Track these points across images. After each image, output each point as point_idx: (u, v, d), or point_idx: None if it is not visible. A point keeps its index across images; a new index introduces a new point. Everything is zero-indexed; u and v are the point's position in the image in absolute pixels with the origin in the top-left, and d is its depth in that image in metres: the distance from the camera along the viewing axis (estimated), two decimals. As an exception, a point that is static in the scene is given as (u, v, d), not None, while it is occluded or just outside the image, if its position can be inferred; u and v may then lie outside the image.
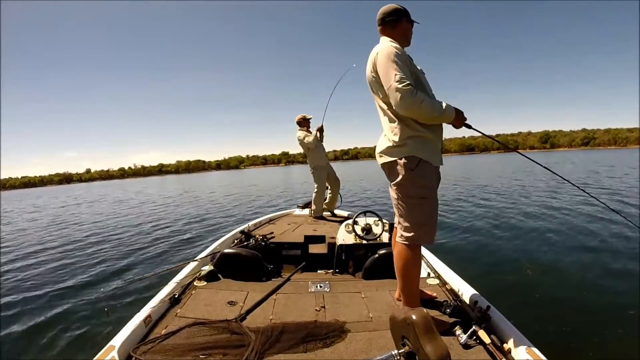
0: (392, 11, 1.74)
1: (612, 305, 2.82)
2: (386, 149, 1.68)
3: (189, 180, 48.34)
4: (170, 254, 5.39)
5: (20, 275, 4.82)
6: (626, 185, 10.08)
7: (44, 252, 6.45)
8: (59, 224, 10.55)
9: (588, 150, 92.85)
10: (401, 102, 1.50)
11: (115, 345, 1.40)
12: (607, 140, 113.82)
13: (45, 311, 3.42)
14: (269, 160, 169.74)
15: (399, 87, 1.48)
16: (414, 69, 1.64)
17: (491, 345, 1.41)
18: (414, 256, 1.65)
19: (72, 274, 4.67)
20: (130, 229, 8.35)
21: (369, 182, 17.48)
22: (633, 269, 3.50)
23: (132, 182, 65.13)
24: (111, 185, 54.87)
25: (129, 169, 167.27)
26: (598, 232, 5.03)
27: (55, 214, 14.32)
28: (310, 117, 4.65)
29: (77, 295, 3.83)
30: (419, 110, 1.51)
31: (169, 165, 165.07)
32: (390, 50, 1.58)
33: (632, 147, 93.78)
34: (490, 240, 5.04)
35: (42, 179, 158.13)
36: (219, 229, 7.24)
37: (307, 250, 3.07)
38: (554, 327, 2.52)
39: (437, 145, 1.67)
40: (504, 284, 3.39)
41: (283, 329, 1.58)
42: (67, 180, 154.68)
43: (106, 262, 5.23)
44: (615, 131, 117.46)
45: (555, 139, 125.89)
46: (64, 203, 20.60)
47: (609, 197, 7.84)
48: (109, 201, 18.57)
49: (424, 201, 1.62)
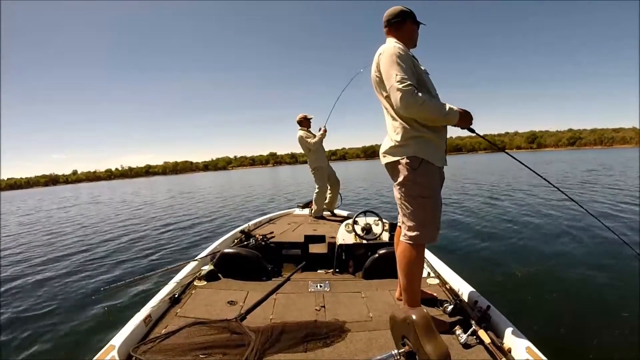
0: (397, 13, 1.75)
1: (612, 305, 2.81)
2: (389, 148, 1.69)
3: (177, 181, 47.23)
4: (170, 254, 5.39)
5: (20, 275, 4.82)
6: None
7: (44, 252, 6.45)
8: (59, 225, 10.55)
9: (575, 150, 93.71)
10: (401, 102, 1.50)
11: (115, 345, 1.40)
12: (593, 140, 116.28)
13: (45, 311, 3.42)
14: (256, 161, 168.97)
15: (399, 87, 1.49)
16: (418, 69, 1.64)
17: (491, 345, 1.41)
18: (417, 255, 1.66)
19: (72, 274, 4.66)
20: (129, 229, 8.35)
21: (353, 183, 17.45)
22: (633, 269, 3.49)
23: (121, 184, 63.73)
24: (99, 187, 53.60)
25: (115, 170, 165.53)
26: (598, 232, 5.03)
27: (51, 214, 14.31)
28: (311, 117, 4.64)
29: (76, 295, 3.83)
30: (420, 110, 1.51)
31: (156, 167, 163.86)
32: (393, 50, 1.58)
33: (618, 146, 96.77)
34: (488, 239, 5.04)
35: (29, 181, 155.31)
36: (219, 230, 7.24)
37: (307, 250, 3.07)
38: (554, 327, 2.52)
39: (440, 146, 1.67)
40: (503, 284, 3.39)
41: (283, 329, 1.58)
42: (53, 182, 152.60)
43: (106, 262, 5.23)
44: (601, 131, 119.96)
45: (542, 139, 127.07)
46: (60, 204, 20.45)
47: (609, 197, 7.86)
48: (106, 203, 18.50)
49: (427, 200, 1.62)
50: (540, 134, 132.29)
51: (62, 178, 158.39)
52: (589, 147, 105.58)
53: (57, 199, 26.89)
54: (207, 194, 17.89)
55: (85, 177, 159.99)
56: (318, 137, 4.53)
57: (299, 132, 4.57)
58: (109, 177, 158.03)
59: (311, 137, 4.55)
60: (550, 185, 1.93)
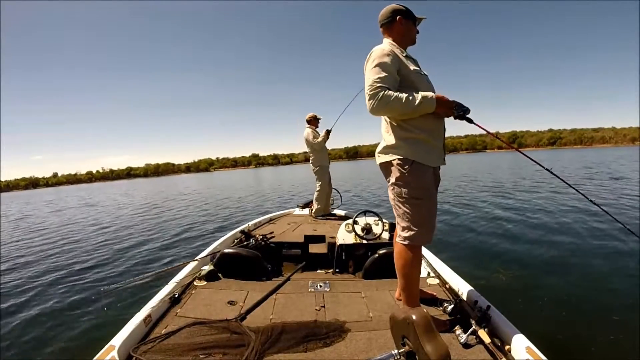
0: (387, 13, 1.72)
1: (612, 305, 2.81)
2: (382, 149, 1.70)
3: (162, 182, 45.87)
4: (170, 254, 5.39)
5: (19, 276, 4.82)
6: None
7: (43, 252, 6.45)
8: (58, 225, 10.54)
9: (555, 149, 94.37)
10: (369, 106, 1.52)
11: (115, 345, 1.40)
12: (573, 140, 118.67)
13: (45, 311, 3.42)
14: (239, 162, 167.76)
15: (367, 91, 1.51)
16: (405, 70, 1.60)
17: (491, 344, 1.41)
18: (414, 256, 1.65)
19: (72, 274, 4.66)
20: (129, 229, 8.35)
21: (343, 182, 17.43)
22: (634, 269, 3.49)
23: (104, 186, 61.92)
24: (82, 190, 51.97)
25: (96, 173, 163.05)
26: (600, 231, 5.03)
27: (45, 217, 14.30)
28: (320, 118, 4.88)
29: (76, 295, 3.83)
30: (387, 109, 1.52)
31: (137, 169, 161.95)
32: (376, 53, 1.58)
33: (597, 146, 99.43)
34: (488, 239, 5.04)
35: (8, 184, 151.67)
36: (219, 229, 7.24)
37: (307, 250, 3.07)
38: (554, 327, 2.52)
39: (434, 145, 1.64)
40: (503, 284, 3.38)
41: (283, 329, 1.58)
42: (33, 184, 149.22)
43: (106, 262, 5.23)
44: (580, 131, 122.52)
45: (523, 139, 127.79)
46: (51, 207, 20.16)
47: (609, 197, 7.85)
48: (98, 205, 18.41)
49: (420, 202, 1.61)
50: (521, 134, 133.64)
51: (42, 181, 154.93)
52: (569, 147, 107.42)
53: (41, 202, 26.26)
54: (201, 196, 17.84)
55: (65, 179, 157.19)
56: (321, 137, 4.70)
57: (306, 129, 4.77)
58: (89, 179, 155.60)
59: (317, 137, 4.73)
60: (556, 183, 1.93)
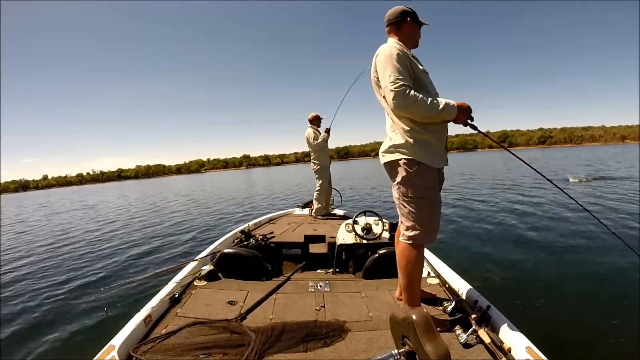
0: (398, 13, 1.75)
1: (613, 305, 2.81)
2: (387, 148, 1.69)
3: (155, 185, 44.79)
4: (170, 254, 5.39)
5: (19, 276, 4.83)
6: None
7: (43, 252, 6.45)
8: (57, 225, 10.54)
9: (545, 148, 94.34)
10: (393, 102, 1.51)
11: (115, 345, 1.40)
12: (562, 139, 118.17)
13: (45, 311, 3.42)
14: (230, 163, 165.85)
15: (391, 87, 1.50)
16: (416, 69, 1.64)
17: (491, 344, 1.41)
18: (417, 255, 1.66)
19: (72, 274, 4.67)
20: (128, 230, 8.36)
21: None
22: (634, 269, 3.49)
23: (95, 188, 61.24)
24: (73, 192, 50.61)
25: (87, 175, 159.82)
26: (598, 232, 5.02)
27: (45, 216, 14.28)
28: (323, 118, 4.88)
29: (76, 295, 3.83)
30: (412, 109, 1.51)
31: (128, 170, 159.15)
32: (389, 50, 1.59)
33: (587, 144, 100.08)
34: (488, 239, 5.04)
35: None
36: (219, 229, 7.24)
37: (307, 249, 3.07)
38: (554, 327, 2.52)
39: (439, 147, 1.66)
40: (503, 284, 3.38)
41: (283, 329, 1.58)
42: (23, 187, 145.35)
43: (106, 262, 5.23)
44: (570, 130, 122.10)
45: (513, 138, 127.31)
46: (47, 209, 20.03)
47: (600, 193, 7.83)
48: (95, 207, 18.31)
49: (424, 201, 1.63)
50: (511, 133, 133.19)
51: (33, 183, 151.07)
52: (560, 146, 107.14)
53: (35, 205, 25.81)
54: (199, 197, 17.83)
55: (55, 182, 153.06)
56: (321, 137, 4.70)
57: (308, 129, 4.78)
58: (80, 181, 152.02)
59: (317, 137, 4.73)
60: (550, 186, 1.93)
